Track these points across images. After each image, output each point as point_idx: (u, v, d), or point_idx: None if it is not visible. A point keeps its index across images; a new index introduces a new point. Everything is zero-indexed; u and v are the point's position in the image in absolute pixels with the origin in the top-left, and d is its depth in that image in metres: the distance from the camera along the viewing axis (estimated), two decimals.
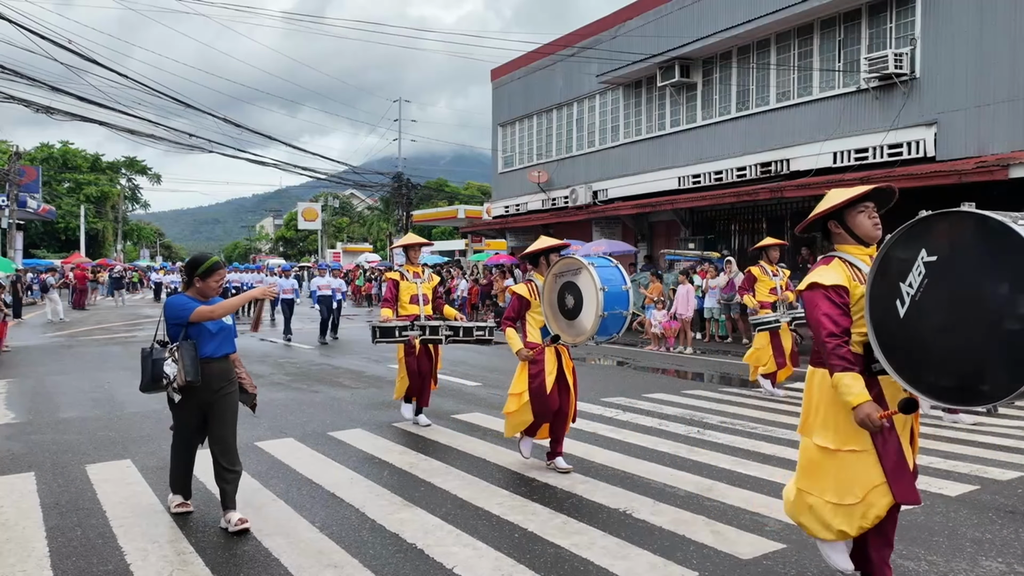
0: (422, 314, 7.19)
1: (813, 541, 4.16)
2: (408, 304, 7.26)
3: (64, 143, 58.85)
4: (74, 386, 9.93)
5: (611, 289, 5.05)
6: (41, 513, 4.74)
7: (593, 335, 5.15)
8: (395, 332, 6.91)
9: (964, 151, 13.24)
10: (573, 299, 5.23)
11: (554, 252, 5.76)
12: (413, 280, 7.34)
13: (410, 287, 7.30)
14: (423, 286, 7.34)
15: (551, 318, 5.46)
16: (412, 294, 7.26)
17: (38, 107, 19.40)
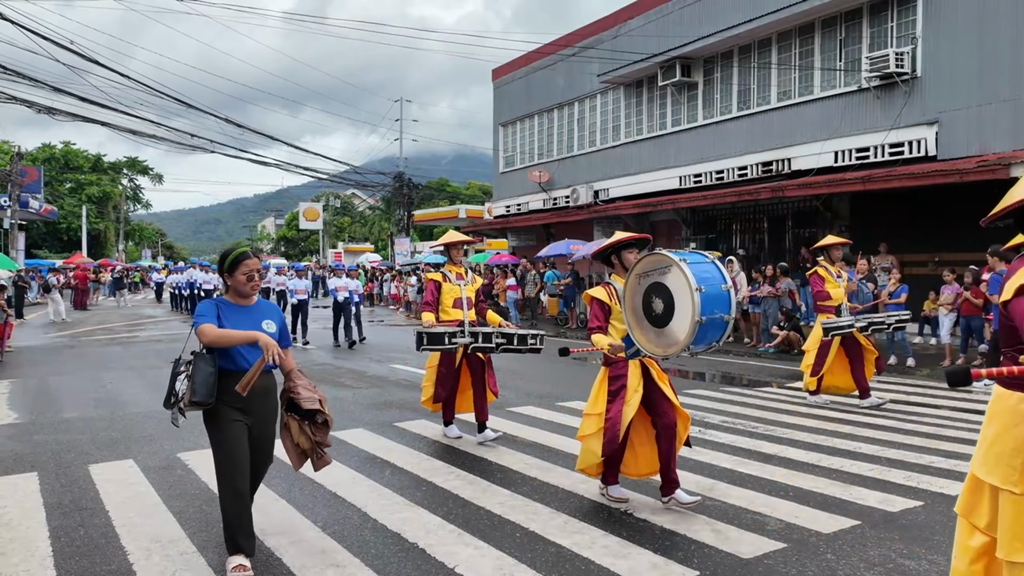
0: (466, 319, 6.52)
1: (814, 541, 4.17)
2: (450, 308, 6.62)
3: (66, 143, 58.92)
4: (76, 386, 9.96)
5: (709, 290, 4.25)
6: (44, 513, 4.75)
7: (688, 345, 4.32)
8: (444, 339, 6.16)
9: (965, 150, 13.23)
10: (662, 303, 4.42)
11: (630, 248, 4.92)
12: (456, 282, 6.72)
13: (453, 289, 6.67)
14: (467, 288, 6.71)
15: (635, 327, 4.62)
16: (455, 297, 6.64)
17: (40, 108, 19.44)
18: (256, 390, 3.63)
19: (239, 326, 3.67)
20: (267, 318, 3.84)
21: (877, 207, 14.95)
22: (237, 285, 3.78)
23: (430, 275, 6.97)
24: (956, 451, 6.21)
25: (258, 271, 3.81)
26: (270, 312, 3.91)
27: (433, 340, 6.22)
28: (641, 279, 4.58)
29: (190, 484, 5.38)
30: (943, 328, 11.76)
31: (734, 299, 4.42)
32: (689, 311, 4.23)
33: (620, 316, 4.80)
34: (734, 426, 7.32)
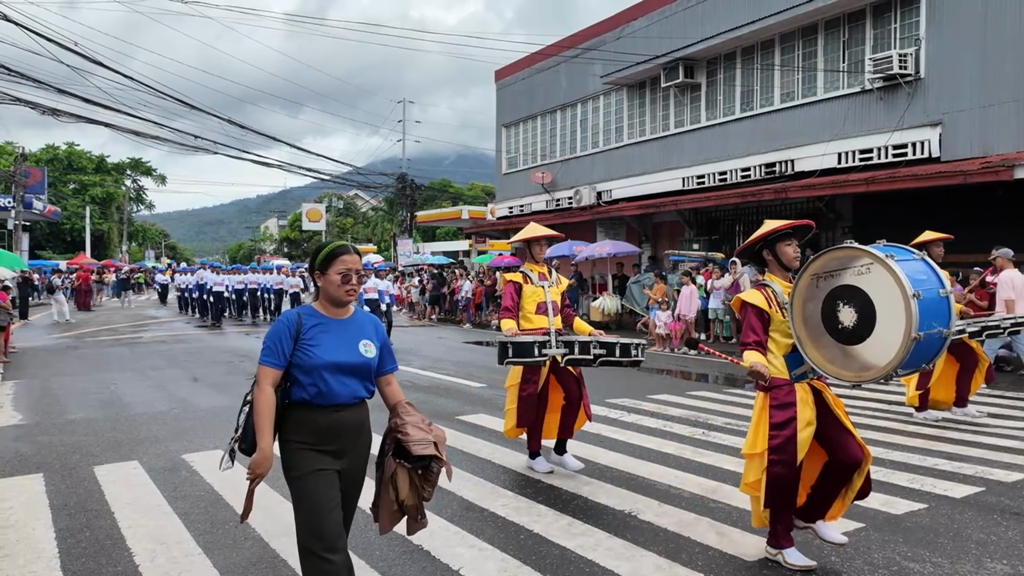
0: (552, 328, 5.52)
1: (817, 543, 4.18)
2: (533, 315, 5.63)
3: (69, 144, 59.06)
4: (81, 387, 9.98)
5: (926, 295, 3.34)
6: (50, 514, 4.77)
7: (895, 370, 3.40)
8: (533, 350, 5.23)
9: (969, 151, 13.23)
10: (855, 312, 3.51)
11: (788, 240, 3.90)
12: (539, 283, 5.69)
13: (535, 292, 5.66)
14: (552, 291, 5.68)
15: (809, 342, 3.68)
16: (539, 301, 5.64)
17: (44, 109, 19.49)
18: (348, 425, 2.93)
19: (331, 346, 2.87)
20: (365, 337, 2.96)
21: (880, 209, 14.94)
22: (329, 288, 2.93)
23: (509, 276, 5.91)
24: (959, 453, 6.20)
25: (357, 271, 2.97)
26: (369, 327, 3.02)
27: (520, 351, 5.26)
28: (819, 281, 3.64)
29: (195, 486, 5.39)
30: None
31: (954, 307, 3.47)
32: (901, 324, 3.30)
33: (783, 328, 3.81)
34: (738, 428, 7.32)
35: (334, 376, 2.86)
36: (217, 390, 9.74)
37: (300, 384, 2.86)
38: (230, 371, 11.59)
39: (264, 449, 2.80)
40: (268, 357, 2.85)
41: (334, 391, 2.88)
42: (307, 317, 2.93)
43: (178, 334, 18.77)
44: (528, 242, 5.81)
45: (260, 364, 2.86)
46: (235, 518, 4.66)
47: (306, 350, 2.85)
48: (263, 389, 2.82)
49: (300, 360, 2.84)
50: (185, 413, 8.17)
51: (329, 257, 2.94)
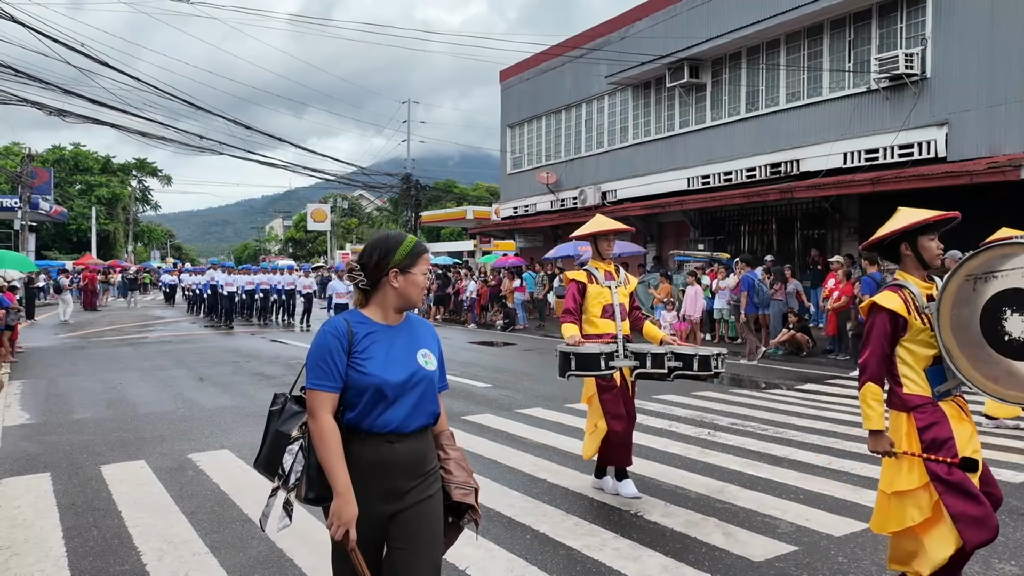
0: (619, 334, 4.90)
1: (825, 544, 4.17)
2: (598, 319, 4.99)
3: (75, 145, 59.28)
4: (87, 387, 10.01)
5: None
6: (58, 513, 4.79)
7: None
8: (599, 361, 4.56)
9: (975, 152, 13.18)
10: None
11: (930, 233, 3.27)
12: (605, 283, 5.06)
13: (601, 294, 5.02)
14: (619, 292, 5.06)
15: (961, 355, 3.08)
16: (604, 304, 5.00)
17: (50, 110, 19.55)
18: (405, 458, 2.35)
19: (387, 359, 2.35)
20: (424, 346, 2.47)
21: (886, 209, 14.72)
22: (411, 290, 2.43)
23: (572, 274, 5.19)
24: None
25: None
26: (427, 333, 2.53)
27: (584, 363, 4.57)
28: (977, 283, 3.06)
29: (201, 485, 5.40)
30: None
31: None
32: None
33: (923, 336, 3.16)
34: (744, 428, 7.30)
35: (389, 397, 2.32)
36: (223, 390, 9.76)
37: (349, 406, 2.33)
38: (235, 371, 11.62)
39: (343, 492, 2.23)
40: (320, 379, 2.29)
41: (388, 416, 2.33)
42: (357, 325, 2.37)
43: (184, 334, 18.81)
44: (594, 236, 5.12)
45: (309, 389, 2.31)
46: (241, 517, 4.68)
47: (358, 366, 2.31)
48: (321, 419, 2.26)
49: (352, 379, 2.31)
50: (191, 413, 8.19)
51: (414, 253, 2.42)
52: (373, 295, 2.43)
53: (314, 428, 2.28)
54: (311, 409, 2.29)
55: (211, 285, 22.70)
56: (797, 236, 17.61)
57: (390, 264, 2.40)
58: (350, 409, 2.33)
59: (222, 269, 23.37)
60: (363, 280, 2.42)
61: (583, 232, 5.18)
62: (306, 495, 2.34)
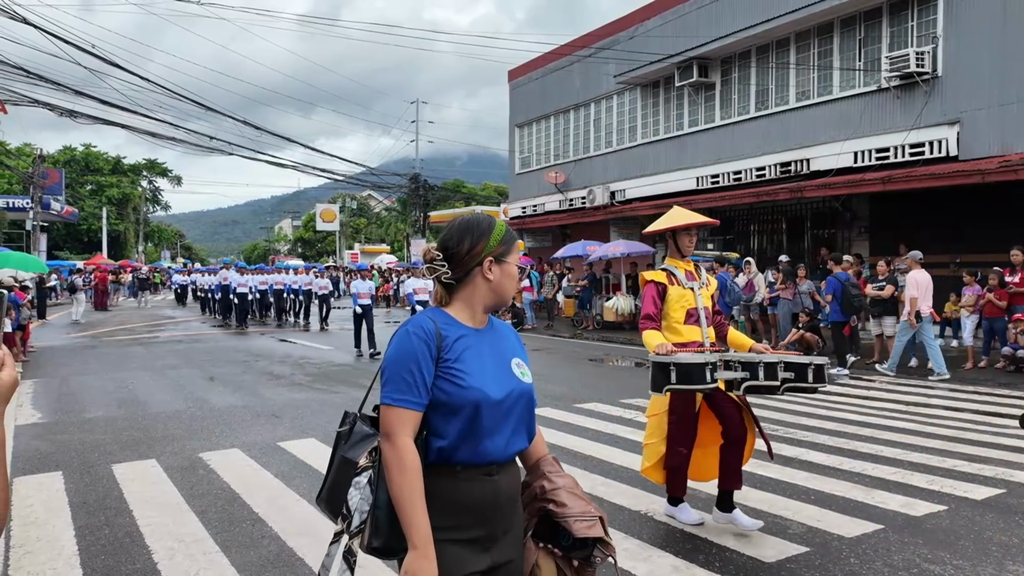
0: (706, 342, 4.41)
1: (836, 545, 4.15)
2: (681, 324, 4.41)
3: (86, 146, 59.66)
4: (98, 386, 10.07)
5: None
6: (70, 512, 4.81)
7: None
8: (704, 373, 3.87)
9: (987, 150, 13.09)
10: None
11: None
12: (688, 284, 4.47)
13: (684, 296, 4.43)
14: (703, 294, 4.49)
15: None
16: (688, 307, 4.42)
17: (61, 111, 19.67)
18: (505, 495, 1.89)
19: (484, 370, 1.87)
20: (516, 354, 2.00)
21: (897, 208, 14.81)
22: (506, 283, 1.97)
23: (649, 275, 4.56)
24: (979, 455, 6.14)
25: None
26: (514, 339, 2.06)
27: (687, 375, 3.89)
28: None
29: (212, 484, 5.42)
30: (965, 330, 11.64)
31: None
32: None
33: None
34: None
35: (490, 417, 1.84)
36: (233, 389, 9.80)
37: (437, 433, 1.82)
38: (245, 370, 11.66)
39: (421, 544, 1.70)
40: (400, 393, 1.78)
41: (487, 442, 1.84)
42: (446, 327, 1.88)
43: (194, 334, 18.90)
44: (673, 232, 4.51)
45: (384, 405, 1.80)
46: (252, 516, 4.70)
47: (454, 378, 1.82)
48: (401, 446, 1.75)
49: (444, 394, 1.80)
50: (202, 412, 8.22)
51: (509, 238, 1.99)
52: (459, 290, 1.95)
53: (389, 454, 1.75)
54: (387, 430, 1.77)
55: (223, 286, 22.17)
56: (807, 236, 17.53)
57: (484, 251, 1.94)
58: (438, 436, 1.81)
59: (236, 269, 22.77)
60: (447, 272, 1.94)
61: (660, 226, 4.56)
62: (370, 543, 1.80)
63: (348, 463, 1.93)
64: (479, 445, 1.83)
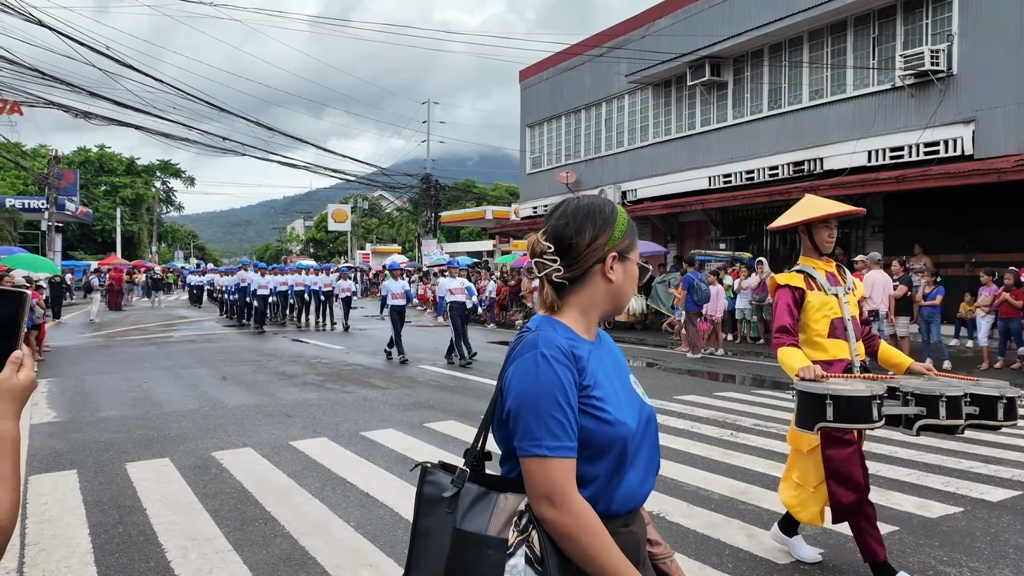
0: (856, 360, 3.60)
1: (851, 547, 4.11)
2: (825, 339, 3.61)
3: (100, 147, 60.16)
4: (112, 385, 10.14)
5: None
6: (84, 510, 4.84)
7: None
8: (871, 409, 3.03)
9: (1003, 149, 12.96)
10: None
11: None
12: (832, 289, 3.68)
13: (827, 304, 3.63)
14: (850, 300, 3.70)
15: None
16: (833, 318, 3.62)
17: (77, 112, 19.85)
18: (642, 547, 1.57)
19: (619, 395, 1.50)
20: (628, 370, 1.65)
21: (911, 208, 14.70)
22: (627, 284, 1.60)
23: (782, 278, 3.76)
24: (995, 456, 6.08)
25: None
26: (620, 351, 1.68)
27: (847, 412, 3.06)
28: None
29: (225, 483, 5.44)
30: (980, 330, 11.54)
31: None
32: None
33: None
34: (767, 429, 7.23)
35: (630, 454, 1.48)
36: (246, 388, 9.84)
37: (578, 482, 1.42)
38: (258, 370, 11.71)
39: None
40: (557, 439, 1.39)
41: (628, 485, 1.49)
42: (573, 343, 1.48)
43: (207, 333, 19.00)
44: (808, 225, 3.73)
45: (538, 457, 1.38)
46: (264, 515, 4.71)
47: (597, 411, 1.44)
48: (578, 508, 1.38)
49: (587, 433, 1.43)
50: (215, 411, 8.26)
51: (632, 229, 1.61)
52: (573, 293, 1.55)
53: (567, 521, 1.36)
54: (550, 490, 1.37)
55: (241, 287, 21.31)
56: None
57: (608, 244, 1.54)
58: (587, 484, 1.44)
59: (254, 269, 21.88)
60: (559, 270, 1.53)
61: (793, 219, 3.79)
62: None
63: (479, 542, 1.40)
64: (619, 490, 1.47)
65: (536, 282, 1.65)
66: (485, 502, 1.46)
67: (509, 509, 1.43)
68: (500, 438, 1.52)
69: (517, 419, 1.41)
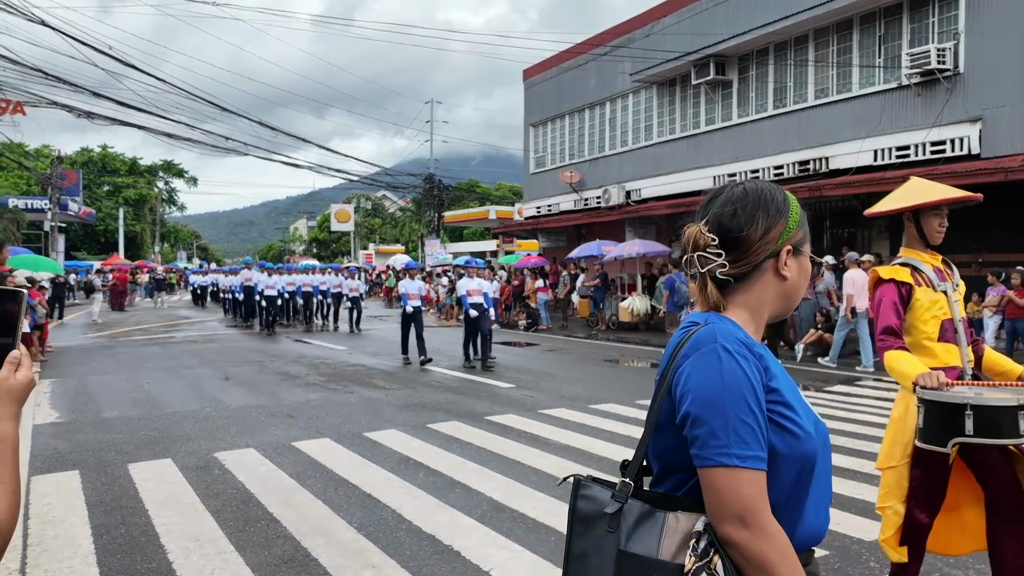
0: (967, 367, 3.18)
1: (856, 548, 4.07)
2: (934, 342, 3.17)
3: (103, 147, 60.29)
4: (115, 386, 10.13)
5: None
6: (86, 510, 4.82)
7: None
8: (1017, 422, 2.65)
9: (1010, 148, 12.89)
10: None
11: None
12: (940, 285, 3.25)
13: (937, 303, 3.19)
14: (958, 298, 3.29)
15: None
16: (944, 317, 3.18)
17: (79, 112, 19.86)
18: None
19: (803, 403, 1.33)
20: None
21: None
22: (801, 282, 1.43)
23: (887, 271, 3.30)
24: None
25: None
26: None
27: (991, 425, 2.68)
28: None
29: (227, 484, 5.42)
30: (987, 331, 11.48)
31: None
32: None
33: None
34: None
35: (816, 479, 1.31)
36: (248, 389, 9.82)
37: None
38: (260, 370, 11.70)
39: None
40: (747, 447, 1.21)
41: (812, 513, 1.32)
42: (757, 347, 1.31)
43: (209, 334, 18.99)
44: (915, 212, 3.35)
45: (726, 467, 1.20)
46: (267, 516, 4.68)
47: (786, 420, 1.27)
48: (773, 532, 1.20)
49: (773, 448, 1.25)
50: (217, 412, 8.24)
51: (804, 221, 1.43)
52: (740, 291, 1.38)
53: (763, 547, 1.18)
54: (741, 509, 1.19)
55: (247, 287, 20.62)
56: (826, 235, 17.35)
57: (782, 236, 1.37)
58: (780, 512, 1.25)
59: (260, 269, 20.89)
60: (725, 265, 1.36)
61: (900, 204, 3.39)
62: None
63: (652, 566, 1.22)
64: (800, 523, 1.27)
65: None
66: (652, 521, 1.26)
67: (682, 530, 1.24)
68: (663, 448, 1.32)
69: (697, 424, 1.22)
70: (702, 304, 1.40)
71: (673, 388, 1.29)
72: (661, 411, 1.31)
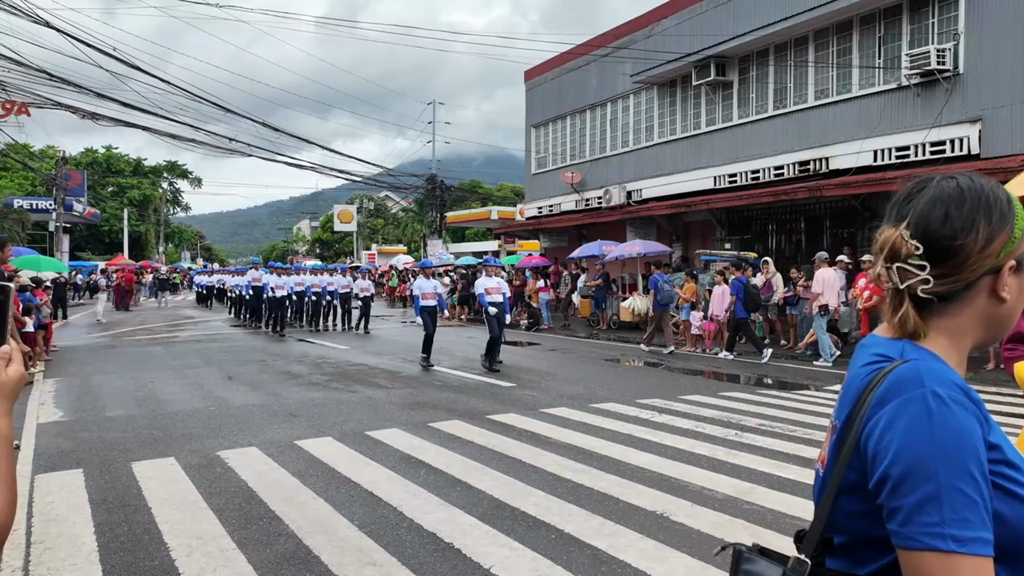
0: None
1: None
2: None
3: (108, 148, 60.42)
4: (119, 385, 10.18)
5: None
6: (89, 509, 4.87)
7: None
8: None
9: (1010, 148, 12.91)
10: None
11: None
12: None
13: None
14: None
15: None
16: None
17: (84, 113, 19.94)
18: None
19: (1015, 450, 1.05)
20: None
21: None
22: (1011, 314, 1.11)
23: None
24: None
25: None
26: None
27: None
28: None
29: (230, 482, 5.47)
30: None
31: None
32: None
33: None
34: (772, 429, 7.22)
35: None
36: (251, 388, 9.87)
37: None
38: (263, 369, 11.75)
39: None
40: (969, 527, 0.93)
41: None
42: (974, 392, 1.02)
43: (213, 333, 19.05)
44: None
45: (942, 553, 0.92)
46: (269, 514, 4.73)
47: (1010, 481, 1.00)
48: None
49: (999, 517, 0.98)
50: (220, 411, 8.29)
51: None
52: (947, 314, 1.10)
53: None
54: None
55: (255, 287, 20.27)
56: (826, 235, 17.37)
57: (1006, 248, 1.08)
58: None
59: (269, 269, 20.56)
60: (929, 281, 1.07)
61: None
62: None
63: None
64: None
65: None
66: None
67: None
68: (847, 517, 1.06)
69: (899, 493, 0.96)
70: (893, 329, 1.11)
71: (863, 443, 1.02)
72: (847, 471, 1.05)
